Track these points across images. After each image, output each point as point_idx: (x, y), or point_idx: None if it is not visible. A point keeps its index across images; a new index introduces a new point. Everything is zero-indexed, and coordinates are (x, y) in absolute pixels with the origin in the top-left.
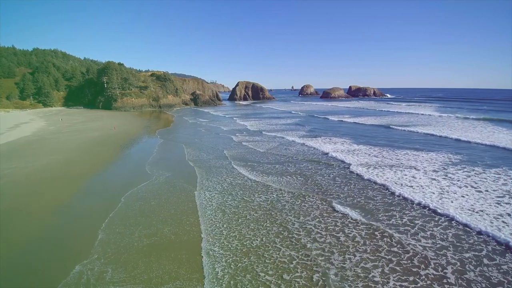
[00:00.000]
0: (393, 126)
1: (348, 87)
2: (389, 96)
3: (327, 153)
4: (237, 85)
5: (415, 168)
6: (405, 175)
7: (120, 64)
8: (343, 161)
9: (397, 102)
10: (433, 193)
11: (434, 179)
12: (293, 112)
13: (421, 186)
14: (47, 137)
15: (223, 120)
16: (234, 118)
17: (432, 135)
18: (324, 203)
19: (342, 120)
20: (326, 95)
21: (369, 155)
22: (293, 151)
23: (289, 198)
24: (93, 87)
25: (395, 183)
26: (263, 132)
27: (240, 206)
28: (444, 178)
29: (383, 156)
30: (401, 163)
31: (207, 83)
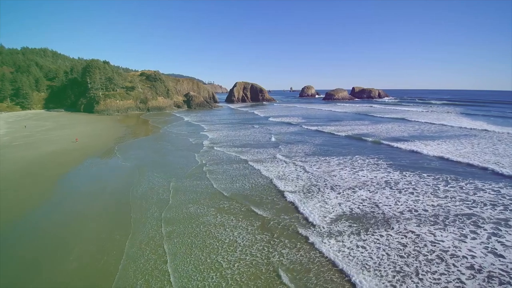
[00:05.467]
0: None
1: (351, 88)
2: (388, 98)
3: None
4: (234, 85)
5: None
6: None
7: (105, 62)
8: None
9: (409, 106)
10: None
11: None
12: (295, 122)
13: None
14: None
15: (200, 135)
16: (217, 129)
17: None
18: None
19: (355, 136)
20: (329, 96)
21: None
22: (266, 215)
23: None
24: (76, 88)
25: None
26: (243, 157)
27: None
28: None
29: None
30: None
31: (204, 83)
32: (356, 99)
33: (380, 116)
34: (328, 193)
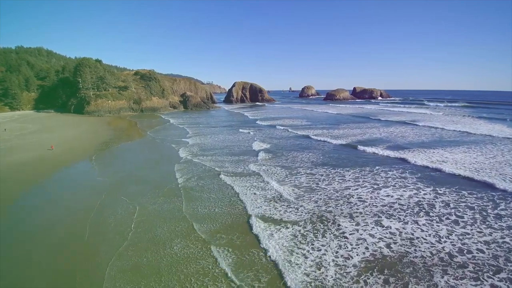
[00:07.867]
0: None
1: (352, 89)
2: (390, 99)
3: None
4: (233, 85)
5: None
6: None
7: (97, 60)
8: None
9: (415, 108)
10: None
11: None
12: (296, 124)
13: None
14: None
15: (184, 142)
16: (208, 133)
17: None
18: None
19: (364, 143)
20: (330, 97)
21: None
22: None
23: None
24: (68, 88)
25: None
26: (229, 172)
27: None
28: None
29: None
30: None
31: (203, 84)
32: (358, 99)
33: (387, 119)
34: (345, 223)
